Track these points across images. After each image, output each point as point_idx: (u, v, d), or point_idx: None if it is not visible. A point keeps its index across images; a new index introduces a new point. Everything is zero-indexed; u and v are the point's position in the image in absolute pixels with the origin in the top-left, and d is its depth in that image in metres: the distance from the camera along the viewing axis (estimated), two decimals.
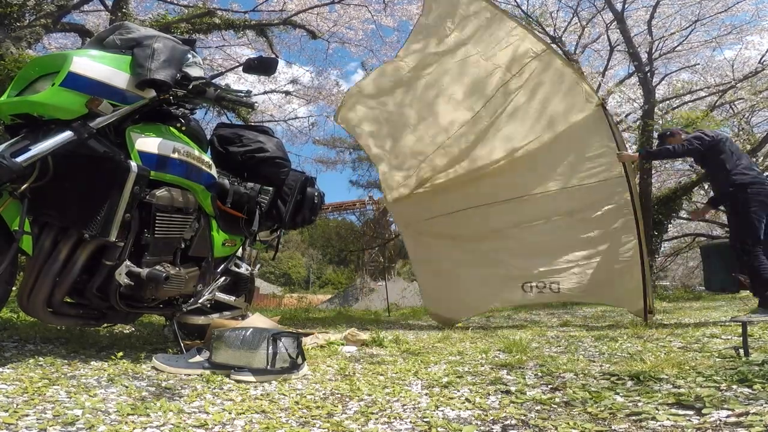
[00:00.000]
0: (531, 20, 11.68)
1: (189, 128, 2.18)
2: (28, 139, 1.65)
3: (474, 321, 5.16)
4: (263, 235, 2.83)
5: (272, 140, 2.61)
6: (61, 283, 1.79)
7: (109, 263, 1.85)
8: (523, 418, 1.29)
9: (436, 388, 1.67)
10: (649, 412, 1.27)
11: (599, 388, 1.56)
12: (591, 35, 12.36)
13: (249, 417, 1.30)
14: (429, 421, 1.28)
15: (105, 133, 1.80)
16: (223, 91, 2.10)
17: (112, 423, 1.19)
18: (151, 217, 1.92)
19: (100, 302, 1.94)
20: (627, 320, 4.41)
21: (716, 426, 1.15)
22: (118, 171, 1.76)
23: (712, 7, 11.14)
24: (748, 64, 11.69)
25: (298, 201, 2.69)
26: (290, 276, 39.41)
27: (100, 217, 1.74)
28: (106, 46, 2.02)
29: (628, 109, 12.56)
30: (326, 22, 11.81)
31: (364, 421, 1.30)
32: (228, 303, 2.50)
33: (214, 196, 2.30)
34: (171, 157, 1.95)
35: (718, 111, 12.06)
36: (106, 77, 1.77)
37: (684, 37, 11.62)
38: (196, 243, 2.21)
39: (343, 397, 1.55)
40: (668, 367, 1.81)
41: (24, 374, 1.60)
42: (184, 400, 1.45)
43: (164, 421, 1.22)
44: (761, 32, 11.87)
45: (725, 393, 1.42)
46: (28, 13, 7.63)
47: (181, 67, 2.01)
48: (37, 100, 1.67)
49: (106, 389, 1.51)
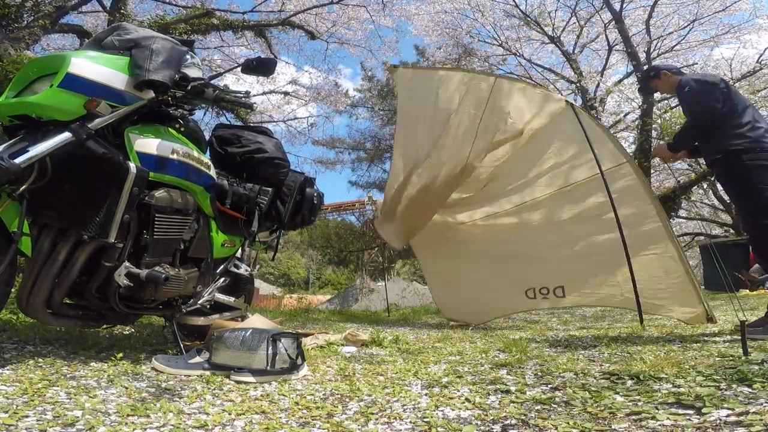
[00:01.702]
0: (529, 20, 11.71)
1: (188, 129, 2.17)
2: (26, 140, 1.65)
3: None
4: (262, 235, 2.83)
5: (271, 141, 2.61)
6: (60, 284, 1.78)
7: (108, 264, 1.85)
8: (523, 417, 1.29)
9: (436, 388, 1.67)
10: (649, 411, 1.27)
11: (599, 388, 1.56)
12: (589, 35, 12.41)
13: (249, 418, 1.30)
14: (429, 421, 1.28)
15: (103, 134, 1.80)
16: (221, 92, 2.10)
17: (112, 424, 1.19)
18: (151, 218, 1.92)
19: (100, 303, 1.93)
20: (627, 320, 4.42)
21: (716, 425, 1.15)
22: (117, 172, 1.76)
23: (709, 6, 11.17)
24: (746, 63, 11.73)
25: (298, 201, 2.69)
26: (290, 276, 39.40)
27: (99, 218, 1.74)
28: (104, 47, 2.02)
29: (626, 108, 12.59)
30: (325, 22, 11.83)
31: (364, 421, 1.29)
32: (227, 304, 2.50)
33: (213, 197, 2.29)
34: (170, 158, 1.95)
35: None
36: (104, 78, 1.77)
37: (682, 36, 11.65)
38: (196, 244, 2.20)
39: (343, 398, 1.55)
40: (668, 366, 1.81)
41: (24, 375, 1.60)
42: (184, 400, 1.45)
43: (164, 422, 1.22)
44: (758, 31, 11.91)
45: (725, 392, 1.42)
46: (27, 14, 7.63)
47: (180, 67, 2.01)
48: (35, 101, 1.67)
49: (106, 390, 1.51)
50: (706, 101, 2.95)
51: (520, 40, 12.56)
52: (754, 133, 2.89)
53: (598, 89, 11.91)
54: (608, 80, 12.34)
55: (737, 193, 3.02)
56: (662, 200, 10.28)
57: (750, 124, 2.91)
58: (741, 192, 2.97)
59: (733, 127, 2.92)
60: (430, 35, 13.77)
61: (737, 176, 2.95)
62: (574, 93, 12.71)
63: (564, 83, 12.80)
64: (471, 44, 13.50)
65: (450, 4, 12.62)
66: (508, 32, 12.49)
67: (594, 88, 11.88)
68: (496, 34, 12.68)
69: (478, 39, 13.29)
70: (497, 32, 12.64)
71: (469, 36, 13.24)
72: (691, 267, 3.92)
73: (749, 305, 4.66)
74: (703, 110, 2.98)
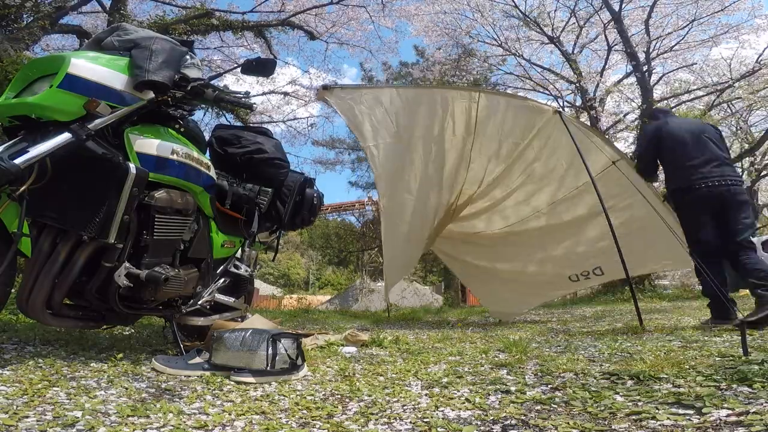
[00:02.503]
0: (529, 20, 11.71)
1: (187, 129, 2.17)
2: (26, 140, 1.65)
3: (474, 321, 5.16)
4: (262, 236, 2.83)
5: (271, 141, 2.61)
6: (60, 284, 1.78)
7: (108, 265, 1.85)
8: (523, 418, 1.29)
9: (436, 389, 1.67)
10: (649, 411, 1.27)
11: (599, 388, 1.56)
12: (589, 35, 12.40)
13: (249, 418, 1.30)
14: (429, 421, 1.28)
15: (103, 134, 1.80)
16: (221, 93, 2.10)
17: (111, 424, 1.18)
18: (150, 218, 1.92)
19: (100, 304, 1.93)
20: (627, 320, 4.42)
21: (716, 425, 1.15)
22: (117, 172, 1.76)
23: (708, 6, 11.18)
24: (745, 63, 11.74)
25: (297, 202, 2.69)
26: (290, 277, 39.35)
27: (99, 218, 1.74)
28: (104, 47, 2.02)
29: (626, 108, 12.59)
30: (324, 22, 11.84)
31: (364, 421, 1.29)
32: (227, 304, 2.50)
33: (213, 197, 2.29)
34: (170, 158, 1.95)
35: (716, 110, 12.10)
36: (104, 79, 1.77)
37: (681, 36, 11.66)
38: (196, 244, 2.20)
39: (343, 398, 1.55)
40: (668, 366, 1.81)
41: (24, 376, 1.60)
42: (184, 401, 1.45)
43: (164, 423, 1.22)
44: (757, 31, 11.92)
45: (725, 392, 1.42)
46: (26, 15, 7.63)
47: (180, 68, 2.01)
48: (35, 101, 1.67)
49: (106, 391, 1.51)
50: (638, 151, 3.86)
51: (520, 40, 12.56)
52: (685, 173, 3.38)
53: (597, 89, 11.92)
54: (608, 80, 12.34)
55: (682, 227, 3.55)
56: (662, 200, 10.30)
57: (683, 165, 3.41)
58: (682, 227, 3.54)
59: (672, 168, 3.51)
60: (429, 35, 13.78)
61: (678, 214, 3.60)
62: (574, 93, 12.72)
63: (564, 83, 12.81)
64: (470, 44, 13.51)
65: (449, 4, 12.62)
66: (508, 32, 12.49)
67: (593, 88, 11.88)
68: (496, 34, 12.68)
69: (478, 39, 13.31)
70: (497, 32, 12.65)
71: (468, 36, 13.25)
72: None
73: (749, 305, 4.66)
74: (639, 154, 3.83)
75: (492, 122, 4.23)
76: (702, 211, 3.34)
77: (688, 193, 3.36)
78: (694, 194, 3.33)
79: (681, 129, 3.54)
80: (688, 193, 3.36)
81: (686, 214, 3.46)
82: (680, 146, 3.44)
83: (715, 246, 3.31)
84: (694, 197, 3.33)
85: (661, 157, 3.58)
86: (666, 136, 3.51)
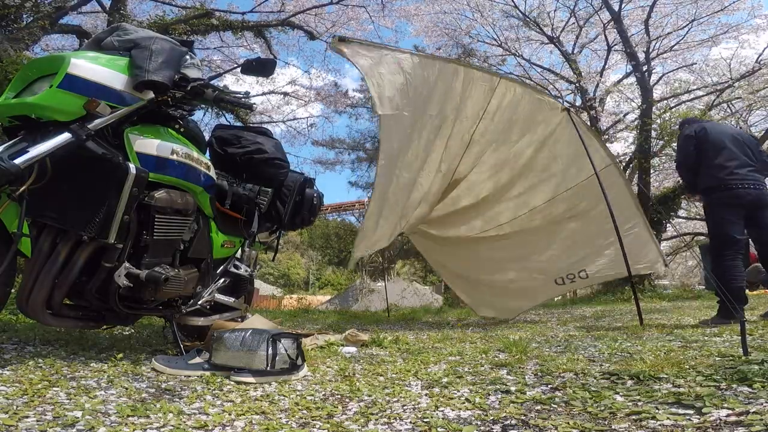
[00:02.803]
0: (528, 20, 11.70)
1: (187, 129, 2.17)
2: (26, 141, 1.65)
3: (474, 321, 5.16)
4: (262, 236, 2.83)
5: (271, 141, 2.61)
6: (60, 284, 1.78)
7: (108, 265, 1.85)
8: (523, 418, 1.29)
9: (436, 389, 1.67)
10: (649, 411, 1.27)
11: (599, 388, 1.56)
12: (588, 35, 12.40)
13: (249, 418, 1.30)
14: (429, 421, 1.28)
15: (103, 134, 1.80)
16: (221, 93, 2.10)
17: (112, 424, 1.18)
18: (150, 218, 1.92)
19: (100, 304, 1.93)
20: (626, 320, 4.42)
21: (716, 425, 1.15)
22: (117, 172, 1.76)
23: (708, 6, 11.17)
24: (744, 63, 11.73)
25: (297, 202, 2.69)
26: (290, 277, 39.32)
27: (99, 218, 1.74)
28: (103, 47, 2.02)
29: (626, 108, 12.59)
30: (324, 22, 11.83)
31: (364, 421, 1.29)
32: (227, 304, 2.50)
33: (213, 197, 2.29)
34: (170, 158, 1.95)
35: (716, 110, 12.08)
36: (104, 79, 1.77)
37: (681, 36, 11.66)
38: (195, 244, 2.20)
39: (343, 398, 1.55)
40: (668, 366, 1.81)
41: (24, 376, 1.60)
42: (184, 401, 1.45)
43: (164, 423, 1.22)
44: (757, 31, 11.92)
45: (725, 392, 1.42)
46: (26, 15, 7.63)
47: (179, 68, 2.01)
48: (34, 101, 1.67)
49: (106, 391, 1.51)
50: (679, 156, 3.97)
51: (520, 40, 12.56)
52: (721, 173, 3.55)
53: (597, 89, 11.92)
54: (607, 80, 12.34)
55: (708, 223, 3.77)
56: (662, 200, 10.31)
57: (720, 165, 3.58)
58: (708, 223, 3.76)
59: (707, 168, 3.63)
60: (429, 35, 13.77)
61: (706, 211, 3.78)
62: (574, 93, 12.72)
63: (563, 83, 12.80)
64: (470, 44, 13.52)
65: (449, 4, 12.62)
66: (508, 32, 12.49)
67: (593, 88, 11.88)
68: (496, 34, 12.68)
69: (478, 39, 13.31)
70: (496, 32, 12.65)
71: (468, 36, 13.25)
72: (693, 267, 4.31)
73: (749, 305, 4.66)
74: (678, 162, 3.99)
75: (500, 111, 4.15)
76: (734, 210, 3.51)
77: (722, 191, 3.54)
78: (728, 192, 3.51)
79: (721, 134, 3.73)
80: (722, 191, 3.54)
81: (717, 211, 3.60)
82: (720, 149, 3.62)
83: (743, 244, 3.53)
84: (729, 195, 3.51)
85: (701, 161, 3.72)
86: (705, 140, 3.69)
